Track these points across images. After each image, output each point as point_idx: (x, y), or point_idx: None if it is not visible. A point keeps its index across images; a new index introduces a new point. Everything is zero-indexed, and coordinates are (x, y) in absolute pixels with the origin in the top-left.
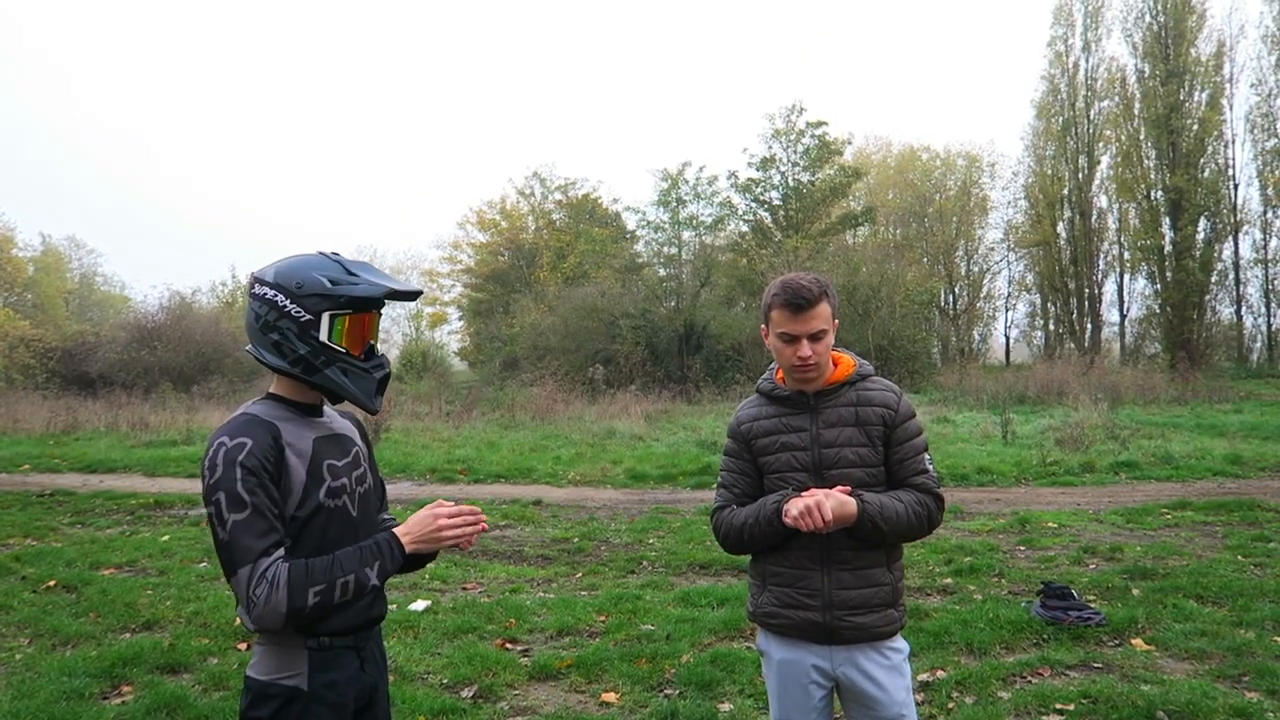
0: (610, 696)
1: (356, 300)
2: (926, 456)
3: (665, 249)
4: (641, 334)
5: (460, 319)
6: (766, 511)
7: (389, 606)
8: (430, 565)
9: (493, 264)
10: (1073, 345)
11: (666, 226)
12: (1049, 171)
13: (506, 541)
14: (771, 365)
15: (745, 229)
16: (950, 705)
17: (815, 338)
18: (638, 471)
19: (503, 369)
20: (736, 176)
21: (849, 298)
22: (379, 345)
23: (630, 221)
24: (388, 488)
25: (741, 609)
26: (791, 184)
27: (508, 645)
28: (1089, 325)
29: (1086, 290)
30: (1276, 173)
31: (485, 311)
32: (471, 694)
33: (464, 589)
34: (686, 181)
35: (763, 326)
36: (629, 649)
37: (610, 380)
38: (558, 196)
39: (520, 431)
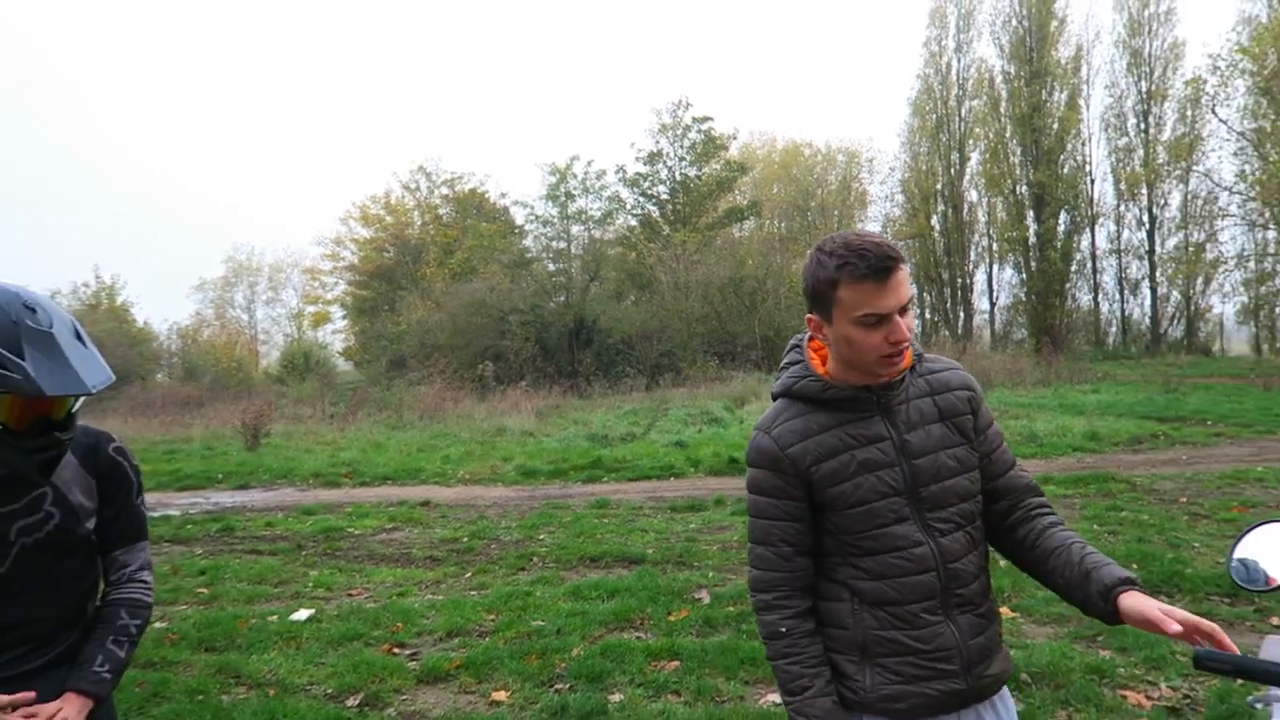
0: (500, 695)
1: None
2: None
3: (554, 243)
4: (531, 329)
5: (344, 318)
6: (819, 709)
7: (270, 618)
8: (315, 573)
9: (377, 260)
10: (947, 333)
11: (555, 221)
12: (923, 167)
13: (394, 544)
14: (796, 361)
15: (634, 223)
16: None
17: (905, 310)
18: (528, 468)
19: (389, 368)
20: (625, 171)
21: (736, 290)
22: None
23: (519, 216)
24: (270, 494)
25: (631, 599)
26: (679, 178)
27: (395, 650)
28: (962, 313)
29: (959, 280)
30: (1127, 169)
31: (370, 310)
32: (357, 702)
33: (349, 595)
34: (575, 175)
35: (811, 316)
36: (519, 646)
37: (500, 377)
38: (444, 191)
39: (408, 432)
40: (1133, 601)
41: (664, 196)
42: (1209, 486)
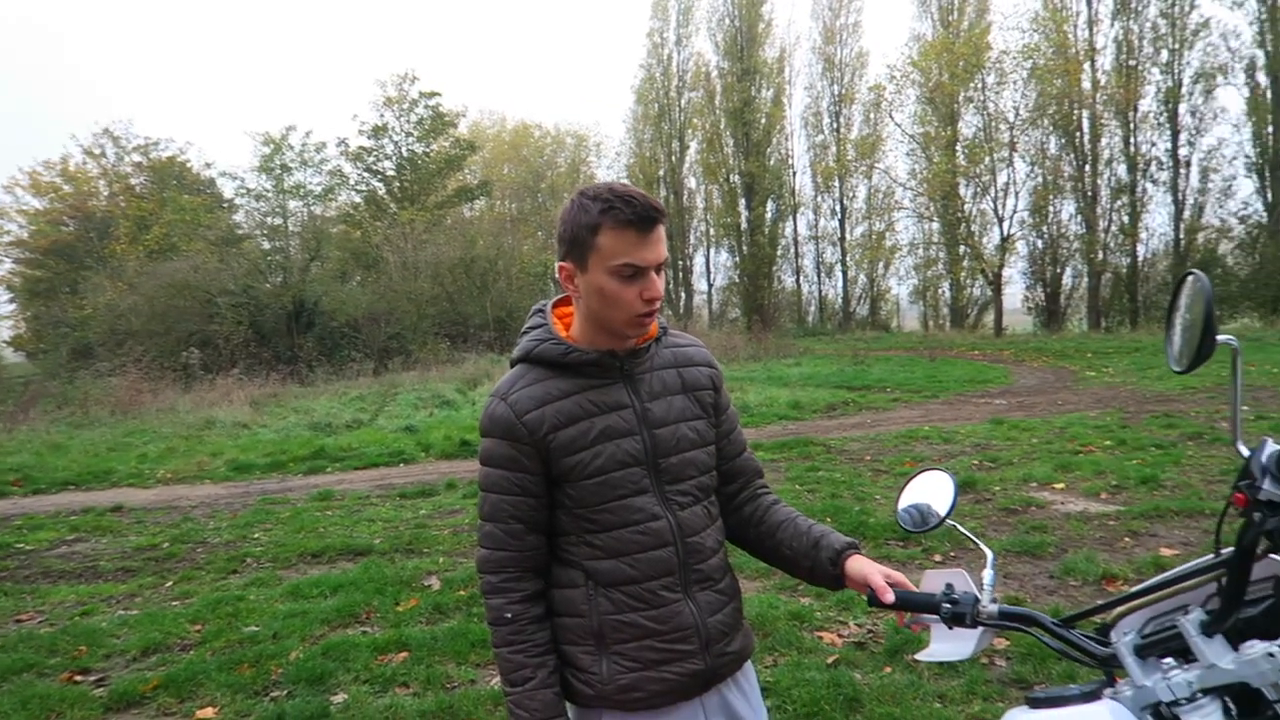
0: (207, 712)
1: None
2: None
3: (269, 219)
4: (244, 312)
5: (11, 301)
6: (539, 702)
7: None
8: None
9: (54, 235)
10: (670, 312)
11: (270, 195)
12: (647, 154)
13: (76, 558)
14: (538, 325)
15: (358, 200)
16: None
17: (660, 269)
18: (242, 462)
19: (72, 358)
20: (347, 144)
21: (467, 270)
22: None
23: (227, 189)
24: None
25: (356, 593)
26: (405, 154)
27: (77, 678)
28: (683, 294)
29: (680, 263)
30: (823, 164)
31: (46, 292)
32: None
33: (17, 621)
34: (291, 147)
35: (564, 264)
36: (229, 656)
37: (208, 365)
38: (136, 158)
39: (96, 429)
40: (857, 565)
41: (390, 173)
42: (888, 445)
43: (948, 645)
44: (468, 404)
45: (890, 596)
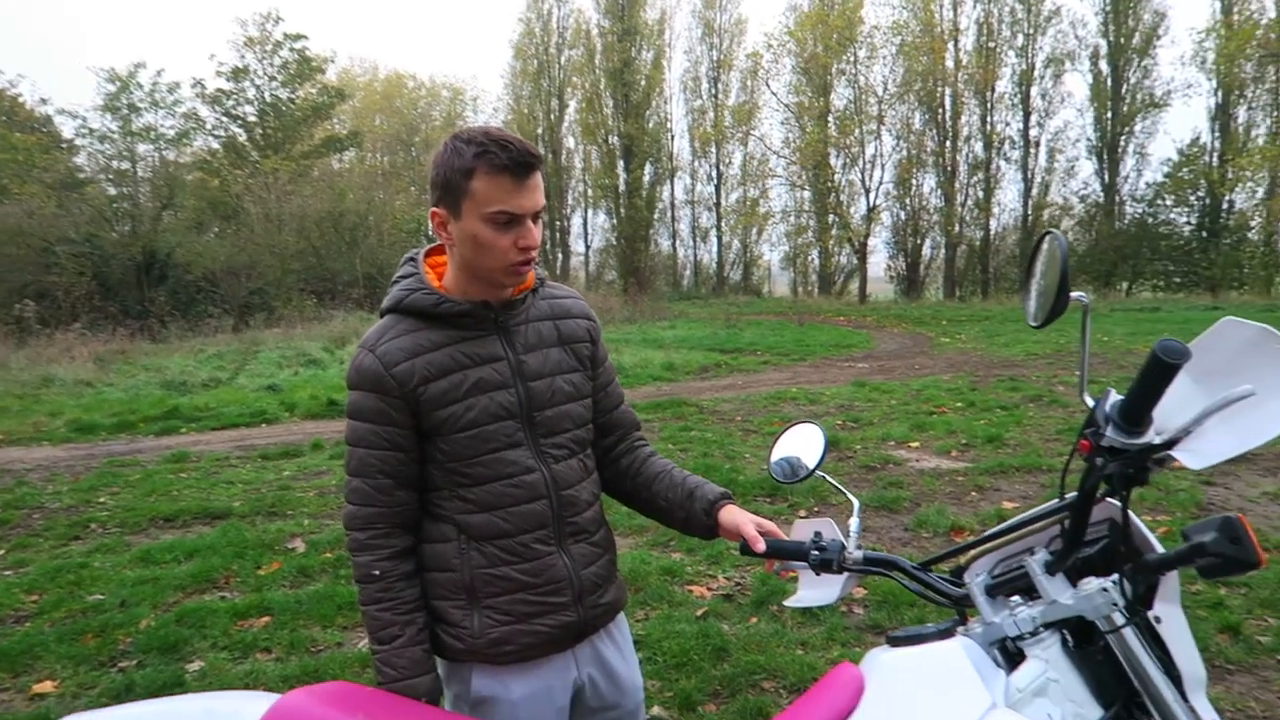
0: (45, 686)
1: None
2: None
3: (115, 163)
4: (87, 263)
5: None
6: (407, 659)
7: None
8: None
9: None
10: (546, 273)
11: (116, 137)
12: (525, 110)
13: None
14: (409, 275)
15: (216, 146)
16: None
17: (537, 218)
18: (85, 423)
19: None
20: (204, 86)
21: (335, 225)
22: None
23: (66, 128)
24: None
25: (214, 557)
26: (268, 100)
27: None
28: (560, 255)
29: (558, 224)
30: (700, 129)
31: None
32: None
33: None
34: (141, 86)
35: (436, 210)
36: (71, 627)
37: (46, 319)
38: None
39: None
40: (730, 515)
41: (251, 118)
42: (758, 406)
43: (814, 591)
44: (335, 363)
45: (762, 545)
